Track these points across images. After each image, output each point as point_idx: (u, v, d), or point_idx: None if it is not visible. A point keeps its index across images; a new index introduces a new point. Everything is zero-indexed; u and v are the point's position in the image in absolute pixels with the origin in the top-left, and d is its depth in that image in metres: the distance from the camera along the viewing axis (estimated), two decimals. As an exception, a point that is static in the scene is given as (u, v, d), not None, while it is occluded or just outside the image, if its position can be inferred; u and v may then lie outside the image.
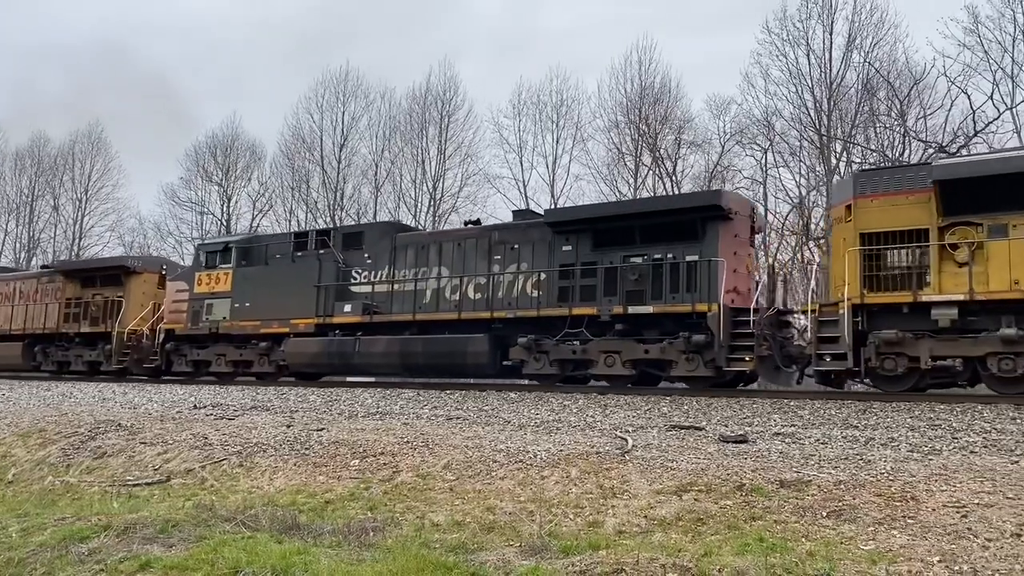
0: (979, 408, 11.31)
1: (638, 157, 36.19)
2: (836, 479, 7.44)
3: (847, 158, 31.07)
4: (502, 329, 17.11)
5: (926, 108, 30.09)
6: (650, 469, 8.31)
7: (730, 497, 7.17)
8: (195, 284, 21.94)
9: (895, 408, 11.66)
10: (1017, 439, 9.18)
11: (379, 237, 19.87)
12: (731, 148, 34.64)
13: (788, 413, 11.77)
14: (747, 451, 9.07)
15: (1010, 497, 6.61)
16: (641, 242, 16.13)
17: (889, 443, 9.30)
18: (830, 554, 5.55)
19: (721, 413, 12.05)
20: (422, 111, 41.94)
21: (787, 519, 6.48)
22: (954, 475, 7.43)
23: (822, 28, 32.17)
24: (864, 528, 6.14)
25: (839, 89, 31.59)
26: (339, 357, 18.87)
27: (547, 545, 6.42)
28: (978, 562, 5.26)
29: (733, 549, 5.85)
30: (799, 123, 32.28)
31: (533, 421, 12.10)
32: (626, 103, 36.98)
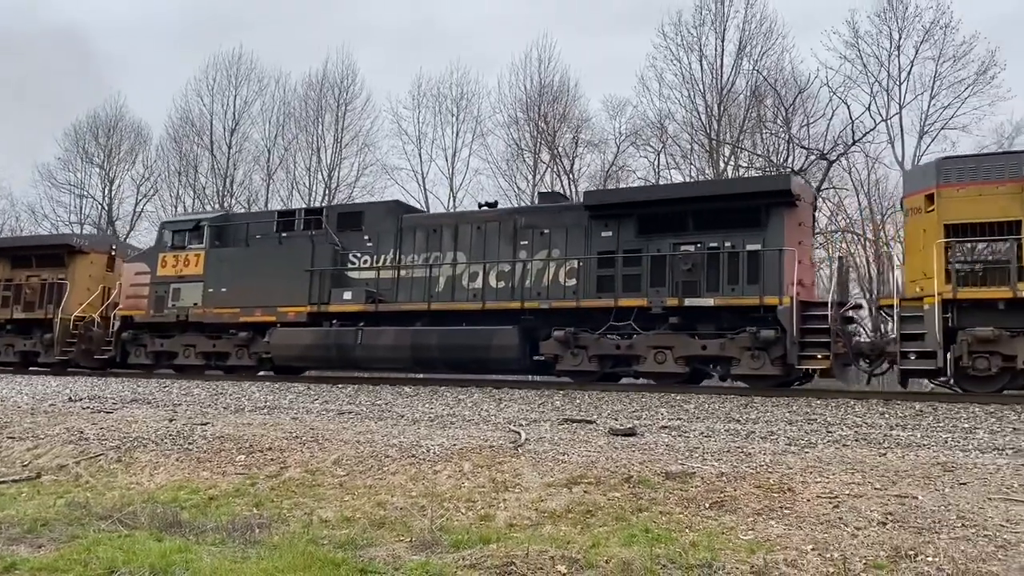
0: (851, 403, 11.94)
1: (537, 154, 36.54)
2: (719, 471, 7.71)
3: (735, 162, 32.22)
4: (532, 321, 15.65)
5: (809, 116, 31.58)
6: (542, 462, 8.39)
7: (618, 489, 7.32)
8: (158, 266, 19.71)
9: (775, 403, 12.17)
10: (884, 432, 9.75)
11: (382, 218, 18.12)
12: (626, 149, 35.42)
13: (675, 407, 12.11)
14: (635, 444, 9.30)
15: (878, 488, 7.00)
16: (695, 229, 14.89)
17: (769, 436, 9.71)
18: (712, 544, 5.74)
19: (612, 407, 12.30)
20: (318, 98, 41.08)
21: (672, 510, 6.67)
22: (827, 467, 7.82)
23: (715, 35, 33.26)
24: (744, 518, 6.38)
25: (729, 95, 32.73)
26: (337, 350, 17.01)
27: (438, 540, 6.40)
28: (848, 549, 5.55)
29: (620, 540, 5.98)
30: (691, 127, 33.29)
31: (427, 416, 12.05)
32: (526, 100, 37.29)
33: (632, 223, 15.41)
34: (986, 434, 9.50)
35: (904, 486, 7.01)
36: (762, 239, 14.32)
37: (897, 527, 5.96)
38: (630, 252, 15.20)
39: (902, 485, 7.05)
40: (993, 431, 9.67)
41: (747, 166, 32.03)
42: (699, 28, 33.50)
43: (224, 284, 18.65)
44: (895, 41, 30.57)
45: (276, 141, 41.29)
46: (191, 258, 19.43)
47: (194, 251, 19.46)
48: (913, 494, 6.71)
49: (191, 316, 18.97)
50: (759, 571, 5.15)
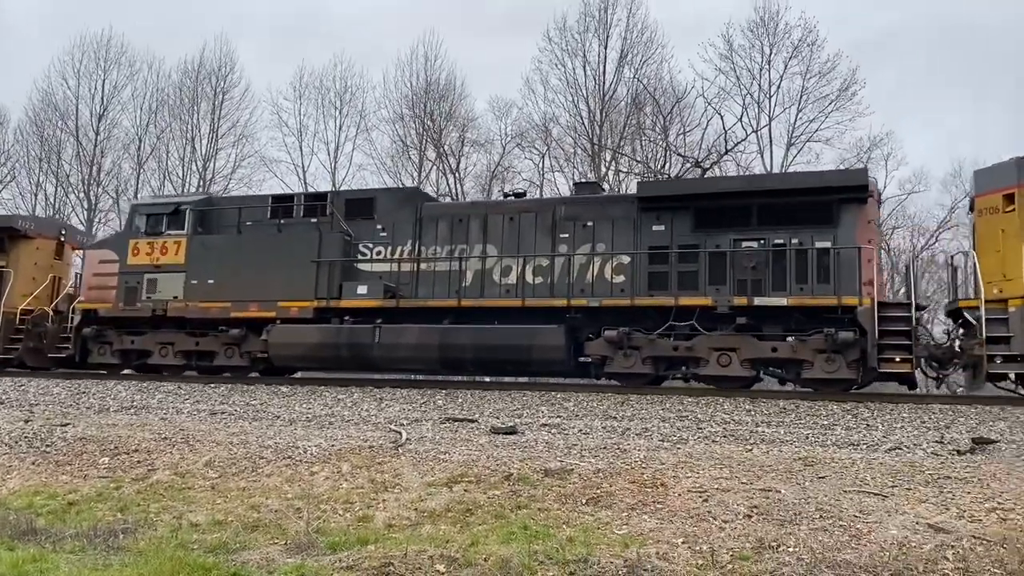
0: (720, 401, 12.43)
1: (422, 151, 36.35)
2: (596, 467, 7.88)
3: (615, 167, 33.03)
4: (577, 320, 14.60)
5: (686, 125, 32.74)
6: (423, 462, 8.36)
7: (498, 487, 7.38)
8: (129, 254, 17.49)
9: (649, 400, 12.55)
10: (751, 429, 10.21)
11: (398, 206, 16.67)
12: (512, 150, 35.74)
13: (555, 405, 12.30)
14: (516, 442, 9.40)
15: (744, 482, 7.33)
16: (758, 224, 14.09)
17: (643, 433, 10.01)
18: (588, 539, 5.87)
19: (494, 406, 12.37)
20: (194, 86, 39.50)
21: (550, 507, 6.77)
22: (698, 463, 8.12)
23: (598, 42, 33.98)
24: (619, 513, 6.55)
25: (611, 101, 33.51)
26: (349, 349, 15.43)
27: (314, 542, 6.27)
28: (716, 542, 5.78)
29: (499, 538, 6.03)
30: (574, 131, 33.90)
31: (305, 416, 11.79)
32: (411, 96, 37.03)
33: (688, 216, 14.53)
34: (843, 430, 10.09)
35: (768, 480, 7.37)
36: (833, 236, 13.71)
37: (761, 519, 6.26)
38: (685, 247, 14.37)
39: (766, 479, 7.41)
40: (849, 428, 10.29)
41: (627, 172, 32.91)
42: (583, 34, 34.19)
43: (211, 275, 16.65)
44: (766, 56, 32.12)
45: (148, 129, 39.46)
46: (170, 245, 17.23)
47: (173, 238, 17.26)
48: (776, 488, 7.05)
49: (170, 310, 16.86)
50: (632, 564, 5.29)
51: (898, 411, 11.30)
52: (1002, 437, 9.34)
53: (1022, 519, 6.17)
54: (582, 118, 33.60)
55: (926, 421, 10.56)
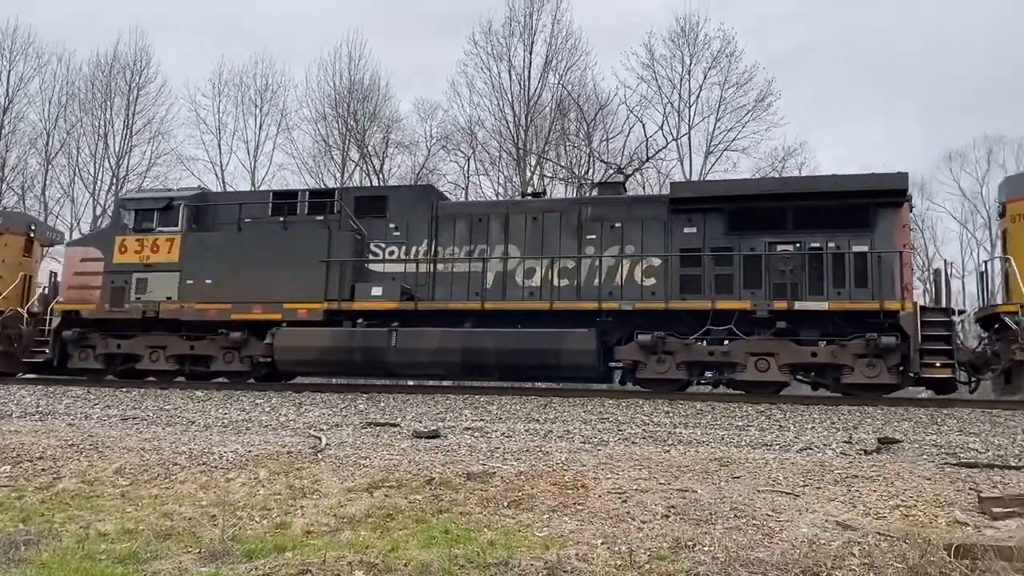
0: (640, 403, 12.63)
1: (345, 152, 35.90)
2: (518, 470, 7.91)
3: (540, 171, 33.25)
4: (608, 324, 14.28)
5: (609, 132, 33.25)
6: (343, 467, 8.26)
7: (420, 492, 7.34)
8: (115, 251, 16.41)
9: (571, 403, 12.67)
10: (669, 430, 10.41)
11: (412, 204, 16.04)
12: (437, 152, 35.62)
13: (478, 408, 12.31)
14: (439, 446, 9.36)
15: (662, 483, 7.47)
16: (794, 227, 13.93)
17: (565, 436, 10.09)
18: (509, 542, 5.88)
19: (416, 410, 12.30)
20: (107, 80, 38.12)
21: (472, 510, 6.77)
22: (618, 464, 8.24)
23: (523, 47, 34.14)
24: (540, 516, 6.59)
25: (536, 106, 33.74)
26: (364, 353, 14.73)
27: (229, 550, 6.12)
28: (634, 542, 5.87)
29: (420, 542, 5.99)
30: (499, 135, 33.98)
31: (221, 421, 11.51)
32: (335, 96, 36.52)
33: (721, 219, 14.32)
34: (757, 431, 10.38)
35: (686, 480, 7.52)
36: (870, 240, 13.61)
37: (679, 519, 6.38)
38: (719, 250, 14.16)
39: (684, 480, 7.56)
40: (763, 428, 10.58)
41: (551, 177, 33.16)
42: (508, 39, 34.31)
43: (209, 275, 15.72)
44: (686, 66, 32.86)
45: (57, 124, 37.87)
46: (162, 243, 16.20)
47: (166, 234, 16.23)
48: (693, 488, 7.21)
49: (163, 312, 15.84)
50: (552, 566, 5.33)
51: (809, 412, 11.67)
52: (906, 437, 9.74)
53: (923, 515, 6.45)
54: (507, 122, 33.75)
55: (835, 422, 10.94)
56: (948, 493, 7.03)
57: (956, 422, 10.84)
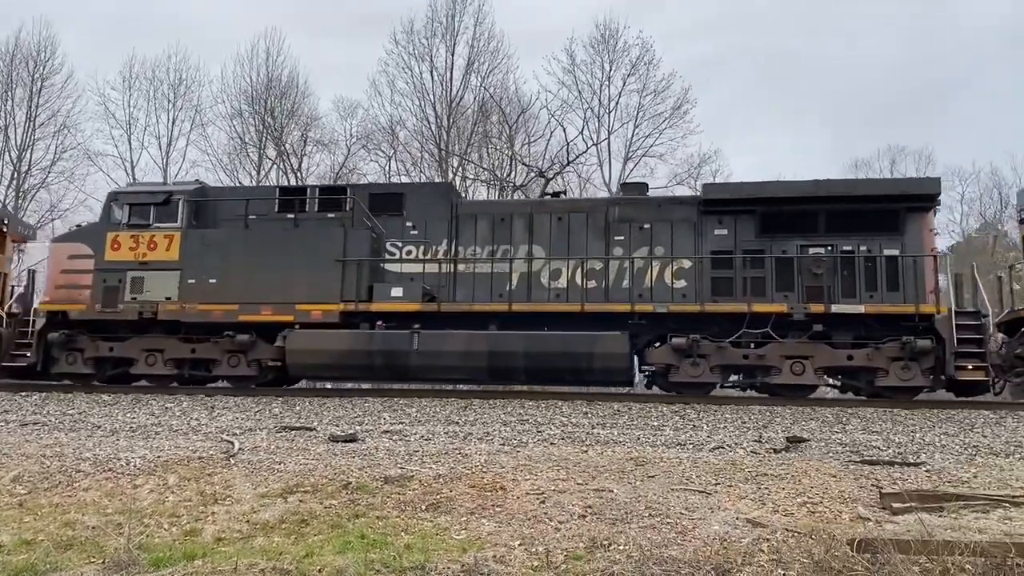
0: (559, 404, 12.73)
1: (262, 149, 35.14)
2: (436, 473, 7.88)
3: (462, 173, 33.23)
4: (640, 327, 14.04)
5: (531, 135, 33.46)
6: (256, 472, 8.08)
7: (336, 496, 7.23)
8: (107, 248, 15.43)
9: (491, 405, 12.67)
10: (587, 431, 10.52)
11: (431, 201, 15.56)
12: (357, 151, 35.20)
13: (397, 411, 12.20)
14: (356, 450, 9.25)
15: (579, 483, 7.55)
16: (826, 231, 13.99)
17: (484, 438, 10.09)
18: (426, 546, 5.84)
19: (333, 413, 12.11)
20: (8, 70, 36.31)
21: (389, 514, 6.70)
22: (536, 465, 8.29)
23: (445, 48, 34.04)
24: (458, 518, 6.57)
25: (458, 108, 33.68)
26: (383, 357, 14.18)
27: (136, 559, 5.90)
28: (551, 543, 5.91)
29: (335, 548, 5.89)
30: (421, 135, 33.81)
31: (128, 426, 11.11)
32: (251, 92, 35.67)
33: (752, 221, 14.30)
34: (671, 431, 10.58)
35: (602, 480, 7.62)
36: (900, 244, 13.79)
37: (595, 519, 6.45)
38: (750, 252, 14.15)
39: (601, 480, 7.66)
40: (677, 428, 10.80)
41: (473, 178, 33.18)
42: (431, 39, 34.16)
43: (212, 274, 14.92)
44: (606, 72, 33.35)
45: (-48, 115, 35.85)
46: (160, 239, 15.28)
47: (165, 231, 15.35)
48: (610, 488, 7.30)
49: (162, 313, 14.95)
50: (469, 569, 5.32)
51: (721, 412, 11.97)
52: (812, 436, 10.08)
53: (828, 511, 6.69)
54: (429, 123, 33.60)
55: (746, 422, 11.24)
56: (852, 490, 7.31)
57: (860, 421, 11.28)
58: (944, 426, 10.86)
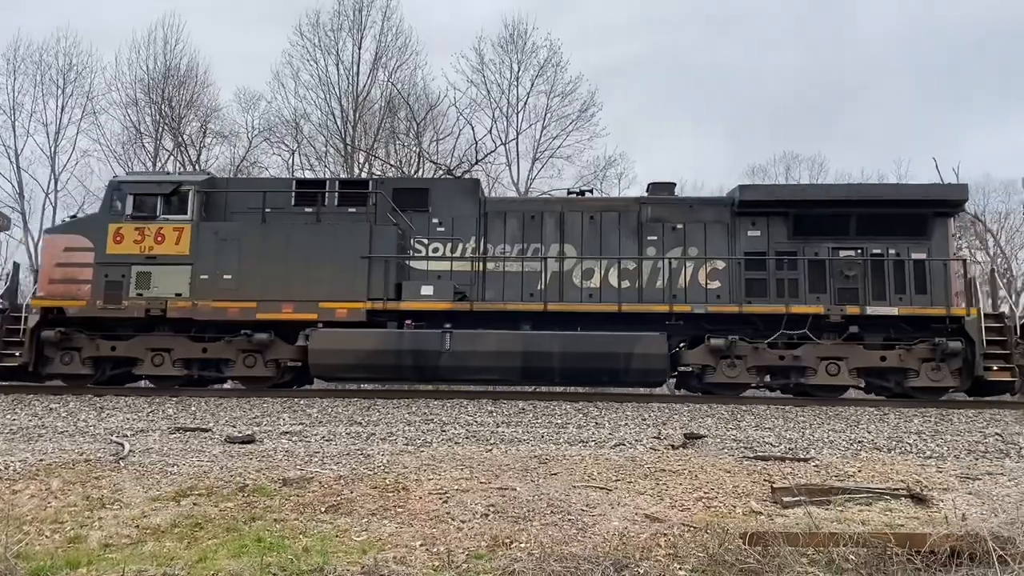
0: (464, 403, 12.73)
1: (159, 140, 33.79)
2: (337, 474, 7.75)
3: (369, 169, 32.79)
4: (678, 327, 14.07)
5: (439, 133, 33.28)
6: (148, 475, 7.77)
7: (232, 499, 7.01)
8: (109, 240, 14.49)
9: (395, 405, 12.57)
10: (492, 430, 10.55)
11: (458, 198, 15.17)
12: (259, 144, 34.28)
13: (297, 412, 11.95)
14: (254, 451, 9.02)
15: (483, 482, 7.55)
16: (857, 234, 14.24)
17: (388, 438, 9.99)
18: (325, 548, 5.73)
19: (230, 414, 11.77)
20: None
21: (287, 517, 6.54)
22: (440, 465, 8.25)
23: (352, 42, 33.47)
24: (359, 520, 6.47)
25: (365, 103, 33.21)
26: (414, 357, 13.71)
27: (13, 568, 5.57)
28: (453, 542, 5.88)
29: (230, 552, 5.71)
30: (326, 129, 33.18)
31: (8, 427, 10.55)
32: (148, 81, 34.19)
33: (785, 223, 14.45)
34: (574, 429, 10.72)
35: (506, 479, 7.64)
36: (927, 248, 14.14)
37: (498, 518, 6.46)
38: (783, 254, 14.32)
39: (504, 478, 7.68)
40: (580, 426, 10.95)
41: (380, 174, 32.78)
42: (337, 32, 33.51)
43: (227, 270, 14.22)
44: (515, 72, 33.47)
45: None
46: (168, 232, 14.46)
47: (173, 223, 14.53)
48: (513, 486, 7.33)
49: (171, 310, 14.18)
50: (369, 570, 5.24)
51: (623, 410, 12.21)
52: (709, 432, 10.39)
53: (723, 506, 6.89)
54: (335, 117, 32.97)
55: (647, 419, 11.49)
56: (745, 484, 7.56)
57: (753, 418, 11.68)
58: (832, 423, 11.36)
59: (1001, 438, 10.21)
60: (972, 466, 8.65)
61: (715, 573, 5.25)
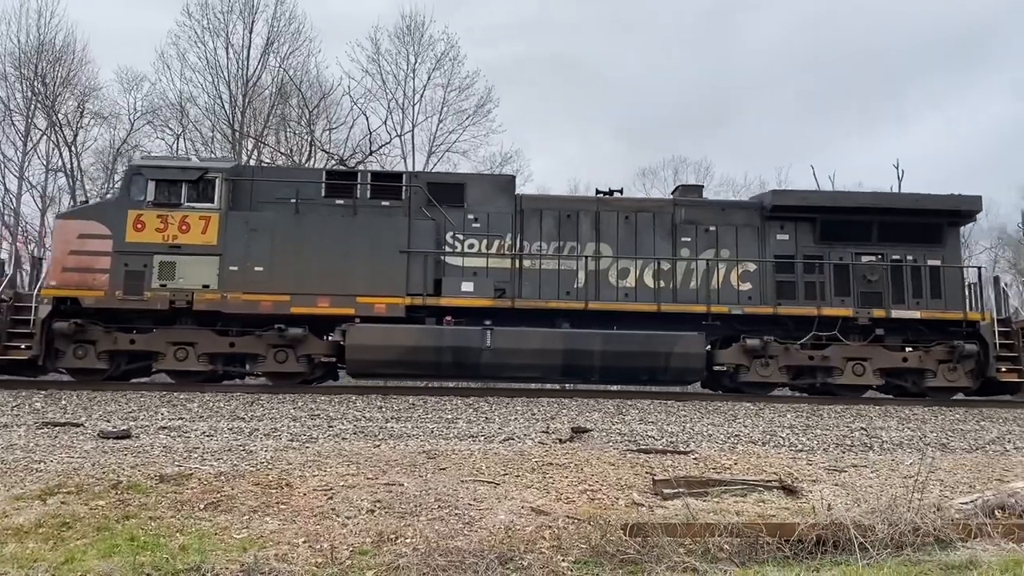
0: (353, 399, 12.56)
1: (30, 118, 31.83)
2: (218, 471, 7.52)
3: (258, 156, 31.88)
4: (715, 327, 14.22)
5: (332, 122, 32.64)
6: (11, 473, 7.36)
7: (104, 497, 6.70)
8: (129, 228, 13.58)
9: (280, 400, 12.27)
10: (381, 425, 10.46)
11: (493, 194, 14.80)
12: (142, 127, 32.77)
13: (177, 406, 11.51)
14: (129, 447, 8.66)
15: (370, 478, 7.48)
16: (878, 240, 14.71)
17: (272, 433, 9.76)
18: (203, 546, 5.55)
19: (104, 408, 11.24)
20: None
21: (163, 515, 6.30)
22: (326, 461, 8.13)
23: (243, 25, 32.44)
24: (240, 517, 6.30)
25: (255, 88, 32.25)
26: (454, 354, 13.45)
27: None
28: (337, 539, 5.80)
29: (100, 552, 5.46)
30: (213, 114, 32.04)
31: None
32: (19, 55, 32.20)
33: (812, 228, 14.84)
34: (465, 423, 10.75)
35: (393, 475, 7.60)
36: (941, 255, 14.76)
37: (384, 513, 6.42)
38: (810, 258, 14.68)
39: (392, 474, 7.63)
40: (470, 421, 10.99)
41: (270, 162, 31.90)
42: (227, 15, 32.37)
43: (259, 262, 13.66)
44: (411, 64, 33.19)
45: None
46: (193, 221, 13.71)
47: (200, 211, 13.76)
48: (400, 481, 7.30)
49: (198, 302, 13.50)
50: (249, 569, 5.11)
51: (513, 404, 12.31)
52: (595, 426, 10.61)
53: (607, 498, 7.06)
54: (223, 101, 31.87)
55: (536, 413, 11.63)
56: (628, 477, 7.76)
57: (638, 412, 12.00)
58: (711, 417, 11.79)
59: (866, 432, 10.85)
60: (839, 459, 9.16)
61: (597, 564, 5.37)
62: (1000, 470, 8.65)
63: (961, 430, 11.33)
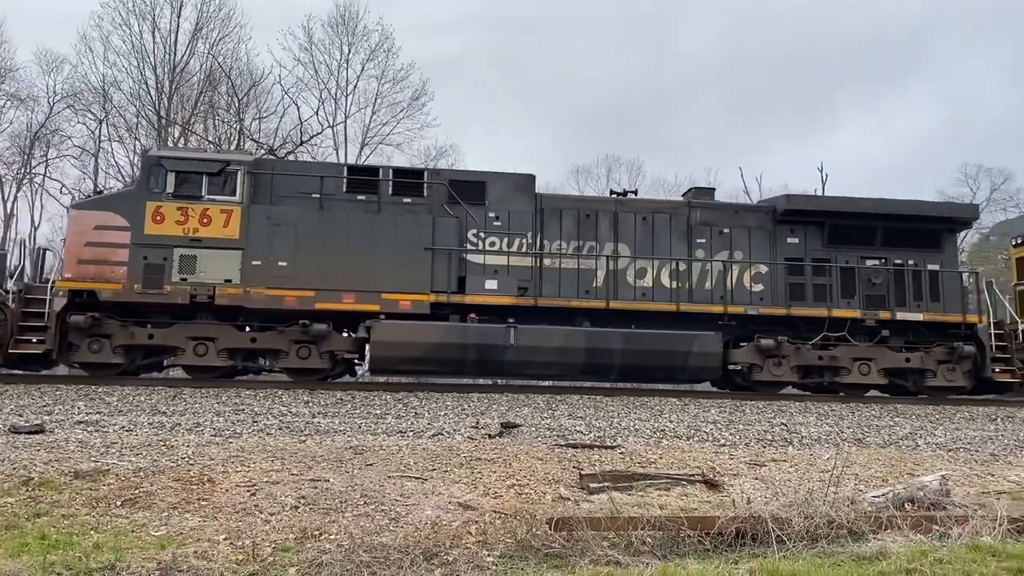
0: (279, 393, 12.36)
1: (-61, 99, 30.45)
2: (136, 467, 7.31)
3: (184, 143, 31.06)
4: (730, 327, 14.66)
5: (262, 111, 32.05)
6: (-88, 470, 6.99)
7: (13, 494, 6.44)
8: (148, 219, 13.41)
9: (204, 394, 12.00)
10: (307, 420, 10.31)
11: (514, 193, 14.85)
12: (61, 111, 31.67)
13: (95, 400, 11.16)
14: (42, 442, 8.35)
15: (295, 473, 7.36)
16: (882, 244, 15.38)
17: (194, 428, 9.54)
18: (119, 544, 5.38)
19: (16, 401, 10.83)
20: None
21: (77, 512, 6.09)
22: (250, 456, 7.97)
23: (170, 8, 31.62)
24: (158, 514, 6.13)
25: (182, 74, 31.43)
26: (478, 351, 13.63)
27: None
28: (259, 536, 5.69)
29: (7, 551, 5.23)
30: (139, 99, 31.14)
31: None
32: (-75, 32, 30.78)
33: (820, 232, 15.40)
34: (393, 419, 10.68)
35: (319, 470, 7.50)
36: (940, 260, 15.48)
37: (308, 510, 6.32)
38: (818, 261, 15.24)
39: (317, 469, 7.53)
40: (399, 416, 10.92)
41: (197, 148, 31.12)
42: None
43: (282, 256, 13.61)
44: (345, 55, 32.86)
45: None
46: (214, 214, 13.56)
47: (222, 204, 13.62)
48: (326, 477, 7.20)
49: (220, 297, 13.37)
50: (167, 567, 4.97)
51: (443, 400, 12.28)
52: (525, 422, 10.66)
53: (534, 493, 7.10)
54: (148, 87, 31.01)
55: (466, 408, 11.63)
56: (556, 471, 7.82)
57: (567, 407, 12.10)
58: (639, 412, 11.97)
59: (786, 428, 11.16)
60: (760, 453, 9.40)
61: (522, 558, 5.40)
62: (911, 464, 9.00)
63: (876, 426, 11.74)
